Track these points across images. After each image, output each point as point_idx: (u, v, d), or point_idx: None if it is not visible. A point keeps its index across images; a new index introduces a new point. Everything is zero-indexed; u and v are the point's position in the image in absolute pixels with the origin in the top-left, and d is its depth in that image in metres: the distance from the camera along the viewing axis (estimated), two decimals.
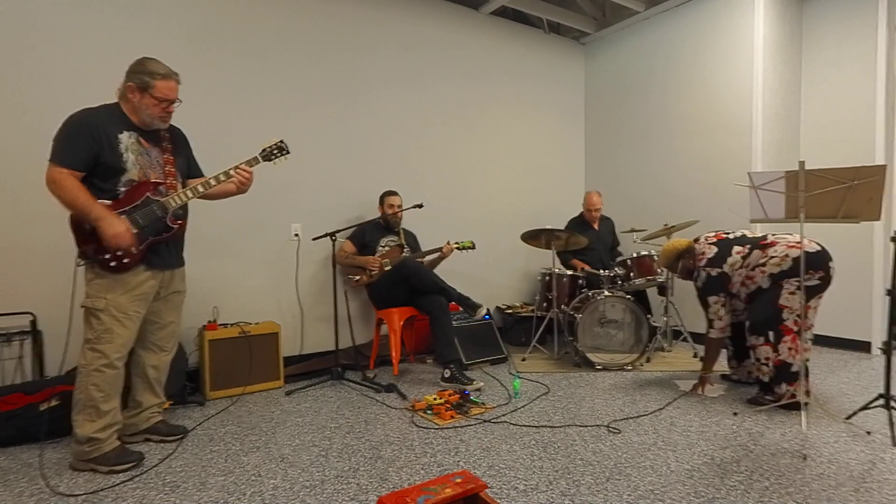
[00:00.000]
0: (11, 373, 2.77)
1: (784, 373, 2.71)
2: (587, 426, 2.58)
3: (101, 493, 1.95)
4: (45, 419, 2.40)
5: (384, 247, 3.78)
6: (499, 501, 1.82)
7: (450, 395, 2.93)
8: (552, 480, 2.01)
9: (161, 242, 2.28)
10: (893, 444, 2.29)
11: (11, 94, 2.80)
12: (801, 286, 2.54)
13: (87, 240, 2.12)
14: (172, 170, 2.32)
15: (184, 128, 2.48)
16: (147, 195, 2.20)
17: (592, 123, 5.38)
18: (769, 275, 2.74)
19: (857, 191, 2.36)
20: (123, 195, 2.16)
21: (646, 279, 3.87)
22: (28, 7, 2.84)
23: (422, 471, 2.10)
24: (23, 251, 2.83)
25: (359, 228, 3.75)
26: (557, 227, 4.04)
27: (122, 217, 2.12)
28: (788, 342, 2.70)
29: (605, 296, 3.66)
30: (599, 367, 3.63)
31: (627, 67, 4.99)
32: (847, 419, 2.61)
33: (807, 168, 2.43)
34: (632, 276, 3.90)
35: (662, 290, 4.11)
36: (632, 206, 4.99)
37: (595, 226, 4.57)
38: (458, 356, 3.41)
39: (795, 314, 2.69)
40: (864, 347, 4.03)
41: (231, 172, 2.36)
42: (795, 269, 2.66)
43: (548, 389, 3.20)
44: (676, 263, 3.12)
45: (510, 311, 4.58)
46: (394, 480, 2.03)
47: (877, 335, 3.99)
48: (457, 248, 3.87)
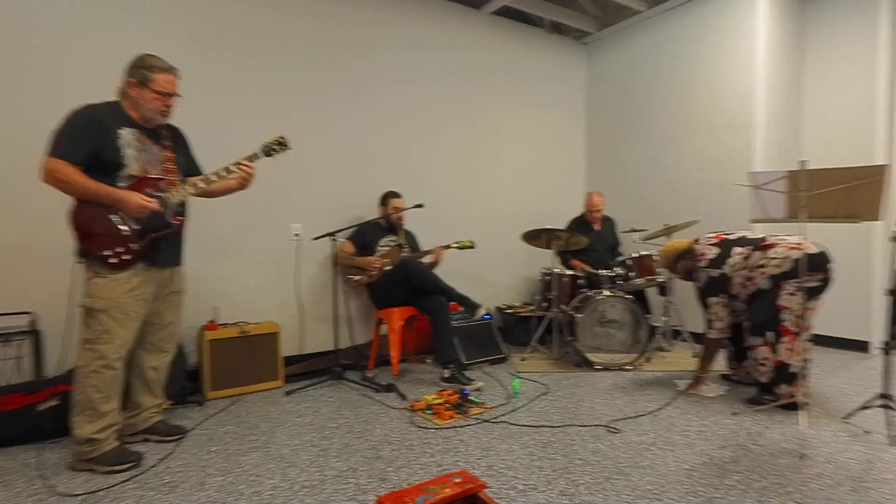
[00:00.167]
0: (10, 373, 2.77)
1: (783, 373, 2.71)
2: (586, 426, 2.58)
3: (100, 494, 1.95)
4: (45, 419, 2.40)
5: (384, 247, 3.78)
6: (498, 501, 1.82)
7: (449, 395, 2.93)
8: (551, 480, 2.01)
9: (162, 239, 2.27)
10: (891, 444, 2.29)
11: (11, 94, 2.80)
12: (802, 287, 2.55)
13: (88, 237, 2.11)
14: (173, 167, 2.31)
15: (185, 127, 2.49)
16: (147, 191, 2.19)
17: (594, 123, 5.38)
18: (769, 276, 2.74)
19: (858, 191, 2.36)
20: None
21: (646, 279, 3.87)
22: (28, 7, 2.84)
23: (421, 471, 2.11)
24: (22, 251, 2.83)
25: (359, 228, 3.75)
26: (558, 227, 4.04)
27: (133, 192, 2.13)
28: (787, 343, 2.69)
29: (605, 296, 3.66)
30: (599, 367, 3.63)
31: (629, 67, 4.99)
32: (845, 419, 2.61)
33: (808, 168, 2.43)
34: (632, 276, 3.90)
35: (663, 290, 4.11)
36: (633, 206, 4.98)
37: (596, 226, 4.56)
38: (458, 356, 3.41)
39: (794, 315, 2.69)
40: (863, 347, 4.02)
41: (232, 168, 2.36)
42: (796, 271, 2.66)
43: (547, 389, 3.20)
44: (676, 264, 3.12)
45: (510, 311, 4.58)
46: (393, 480, 2.03)
47: (876, 335, 3.99)
48: (456, 248, 3.87)
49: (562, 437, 2.43)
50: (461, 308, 3.51)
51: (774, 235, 2.84)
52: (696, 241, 3.06)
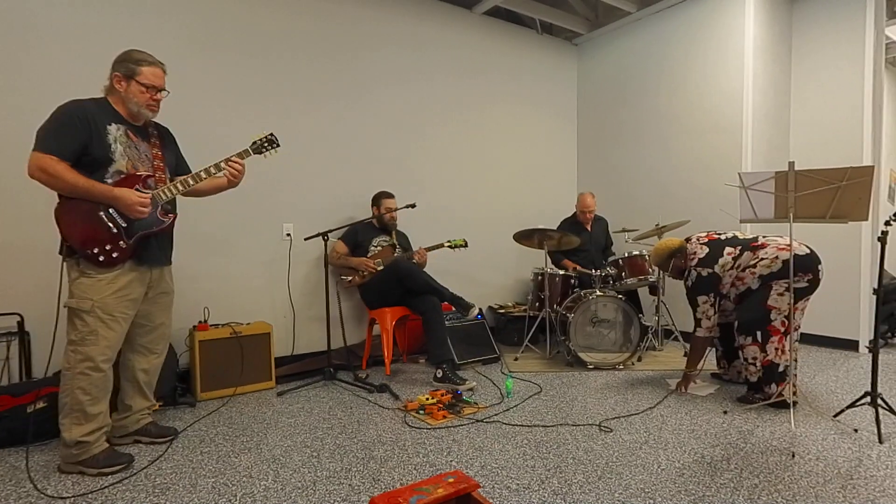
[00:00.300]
0: None
1: (772, 373, 2.73)
2: (579, 425, 2.59)
3: (90, 496, 1.93)
4: (33, 421, 2.37)
5: (376, 247, 3.77)
6: (491, 501, 1.82)
7: (442, 395, 2.93)
8: (544, 479, 2.02)
9: (151, 237, 2.24)
10: (880, 442, 2.32)
11: (8, 94, 2.77)
12: (791, 288, 2.57)
13: (75, 234, 2.06)
14: (161, 164, 2.29)
15: (181, 127, 2.47)
16: (136, 187, 2.17)
17: (585, 123, 5.40)
18: (759, 276, 2.76)
19: (846, 191, 2.39)
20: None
21: (637, 279, 3.89)
22: (27, 7, 2.81)
23: (414, 471, 2.10)
24: (10, 251, 2.79)
25: (351, 228, 3.74)
26: (550, 227, 4.05)
27: (126, 188, 2.11)
28: (775, 342, 2.72)
29: (597, 295, 3.68)
30: (591, 367, 3.65)
31: (619, 68, 5.01)
32: (835, 417, 2.64)
33: (796, 169, 2.46)
34: (623, 276, 3.92)
35: (654, 290, 4.13)
36: (624, 206, 5.01)
37: (588, 227, 4.57)
38: (451, 356, 3.41)
39: (783, 315, 2.71)
40: (852, 346, 4.07)
41: (222, 165, 2.34)
42: (785, 271, 2.68)
43: (540, 389, 3.21)
44: (668, 262, 3.14)
45: (503, 311, 4.59)
46: (386, 481, 2.02)
47: (864, 334, 4.04)
48: (449, 247, 3.88)
49: (554, 437, 2.44)
50: (454, 308, 3.51)
51: (765, 236, 2.87)
52: (688, 240, 3.08)
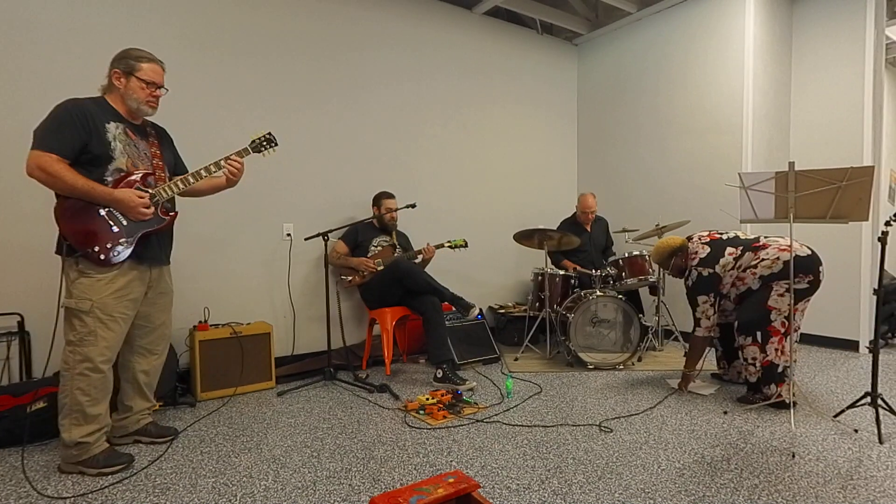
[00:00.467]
0: None
1: (772, 373, 2.73)
2: (579, 425, 2.59)
3: (90, 496, 1.93)
4: (33, 421, 2.37)
5: (377, 247, 3.77)
6: (491, 501, 1.82)
7: (442, 395, 2.93)
8: (544, 480, 2.02)
9: (152, 235, 2.24)
10: (880, 442, 2.32)
11: (9, 94, 2.77)
12: (791, 289, 2.57)
13: (75, 233, 2.04)
14: (160, 163, 2.28)
15: (181, 127, 2.47)
16: (137, 186, 2.17)
17: (585, 124, 5.40)
18: (759, 276, 2.76)
19: (846, 191, 2.39)
20: (112, 185, 2.11)
21: (637, 279, 3.89)
22: (25, 6, 2.81)
23: (414, 471, 2.10)
24: (10, 251, 2.79)
25: (351, 228, 3.74)
26: (550, 227, 4.05)
27: (128, 189, 2.11)
28: (775, 343, 2.72)
29: (597, 295, 3.68)
30: (591, 367, 3.65)
31: (619, 68, 5.01)
32: (835, 417, 2.64)
33: (796, 169, 2.46)
34: (623, 276, 3.92)
35: (654, 290, 4.13)
36: (624, 206, 5.01)
37: (588, 227, 4.56)
38: (451, 356, 3.41)
39: (783, 316, 2.71)
40: (853, 346, 4.07)
41: (222, 163, 2.34)
42: (785, 272, 2.68)
43: (540, 389, 3.21)
44: (669, 261, 3.13)
45: (503, 311, 4.58)
46: (386, 481, 2.02)
47: (864, 334, 4.03)
48: (449, 247, 3.88)
49: (555, 437, 2.44)
50: (454, 308, 3.51)
51: (767, 237, 2.87)
52: (690, 239, 3.08)
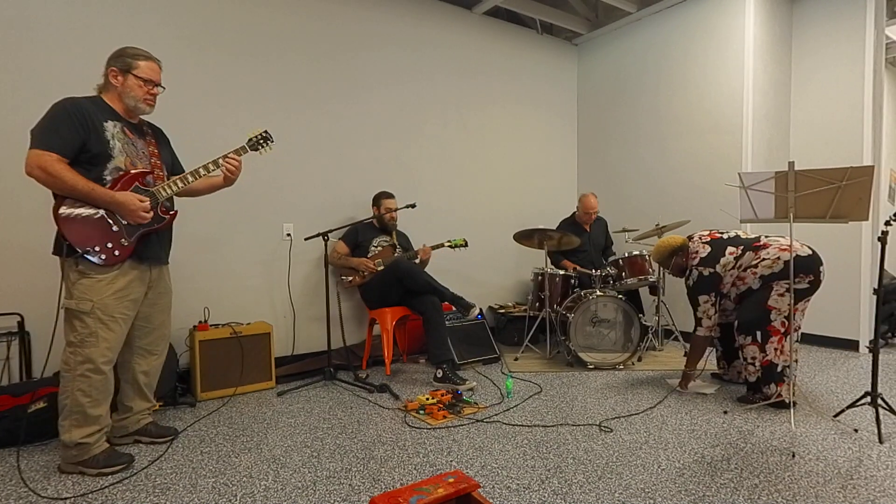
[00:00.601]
0: None
1: (771, 373, 2.73)
2: (579, 425, 2.59)
3: (90, 496, 1.93)
4: (33, 421, 2.37)
5: (377, 247, 3.77)
6: (491, 501, 1.82)
7: (442, 395, 2.93)
8: (544, 479, 2.02)
9: (152, 234, 2.24)
10: (880, 442, 2.32)
11: (9, 93, 2.77)
12: (791, 289, 2.57)
13: (75, 233, 2.03)
14: (158, 161, 2.28)
15: (180, 126, 2.47)
16: (136, 184, 2.16)
17: (585, 124, 5.40)
18: (760, 276, 2.76)
19: (846, 191, 2.39)
20: (111, 184, 2.10)
21: (637, 279, 3.89)
22: (25, 6, 2.81)
23: (414, 471, 2.10)
24: (10, 251, 2.79)
25: (351, 228, 3.74)
26: (550, 227, 4.05)
27: (128, 192, 2.10)
28: (775, 343, 2.72)
29: (597, 295, 3.68)
30: (591, 367, 3.65)
31: (619, 68, 5.01)
32: (835, 417, 2.64)
33: (796, 168, 2.46)
34: (624, 276, 3.92)
35: (654, 290, 4.13)
36: (624, 206, 5.01)
37: (588, 227, 4.56)
38: (451, 356, 3.41)
39: (783, 315, 2.71)
40: (852, 346, 4.07)
41: (220, 162, 2.34)
42: (786, 272, 2.68)
43: (540, 389, 3.21)
44: (670, 260, 3.13)
45: (503, 311, 4.58)
46: (386, 481, 2.02)
47: (864, 334, 4.03)
48: (449, 247, 3.88)
49: (555, 437, 2.44)
50: (454, 308, 3.51)
51: (767, 236, 2.87)
52: (690, 238, 3.08)
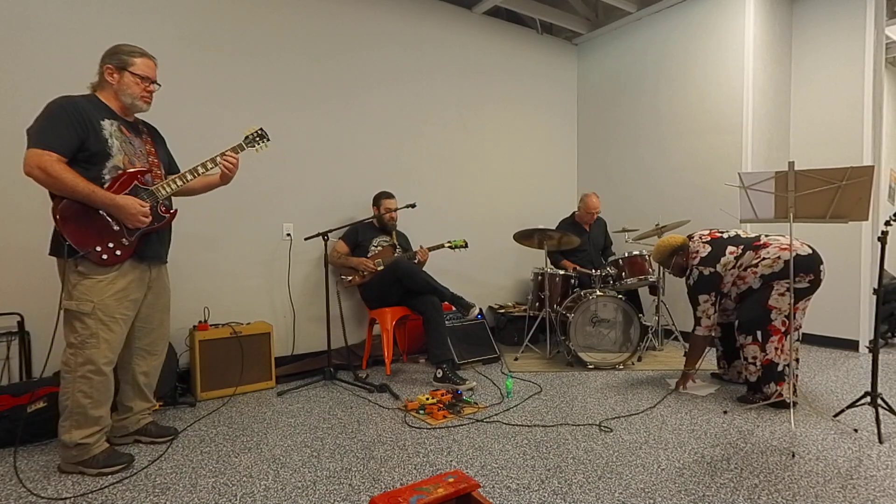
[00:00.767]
0: None
1: (771, 372, 2.73)
2: (579, 425, 2.59)
3: (90, 496, 1.93)
4: (32, 421, 2.37)
5: (377, 247, 3.77)
6: (491, 501, 1.82)
7: (442, 395, 2.93)
8: (544, 479, 2.02)
9: (152, 232, 2.23)
10: (880, 442, 2.32)
11: (8, 93, 2.77)
12: (791, 288, 2.57)
13: (75, 233, 2.02)
14: (156, 160, 2.28)
15: (179, 126, 2.47)
16: (135, 183, 2.15)
17: (585, 123, 5.40)
18: (760, 275, 2.76)
19: (846, 191, 2.39)
20: (110, 183, 2.09)
21: (637, 279, 3.89)
22: (25, 6, 2.81)
23: (414, 471, 2.10)
24: (10, 251, 2.79)
25: (351, 228, 3.74)
26: (550, 227, 4.05)
27: (129, 196, 2.10)
28: (775, 342, 2.72)
29: (597, 295, 3.68)
30: (591, 367, 3.65)
31: (619, 68, 5.01)
32: (835, 417, 2.64)
33: (796, 168, 2.46)
34: (623, 276, 3.92)
35: (654, 290, 4.13)
36: (623, 206, 5.01)
37: (587, 227, 4.56)
38: (451, 356, 3.41)
39: (783, 315, 2.71)
40: (852, 346, 4.07)
41: (217, 159, 2.35)
42: (786, 271, 2.68)
43: (540, 389, 3.21)
44: (670, 259, 3.13)
45: (503, 311, 4.58)
46: (386, 480, 2.02)
47: (864, 334, 4.04)
48: (449, 247, 3.88)
49: (554, 437, 2.44)
50: (454, 308, 3.51)
51: (768, 235, 2.86)
52: (690, 238, 3.08)
